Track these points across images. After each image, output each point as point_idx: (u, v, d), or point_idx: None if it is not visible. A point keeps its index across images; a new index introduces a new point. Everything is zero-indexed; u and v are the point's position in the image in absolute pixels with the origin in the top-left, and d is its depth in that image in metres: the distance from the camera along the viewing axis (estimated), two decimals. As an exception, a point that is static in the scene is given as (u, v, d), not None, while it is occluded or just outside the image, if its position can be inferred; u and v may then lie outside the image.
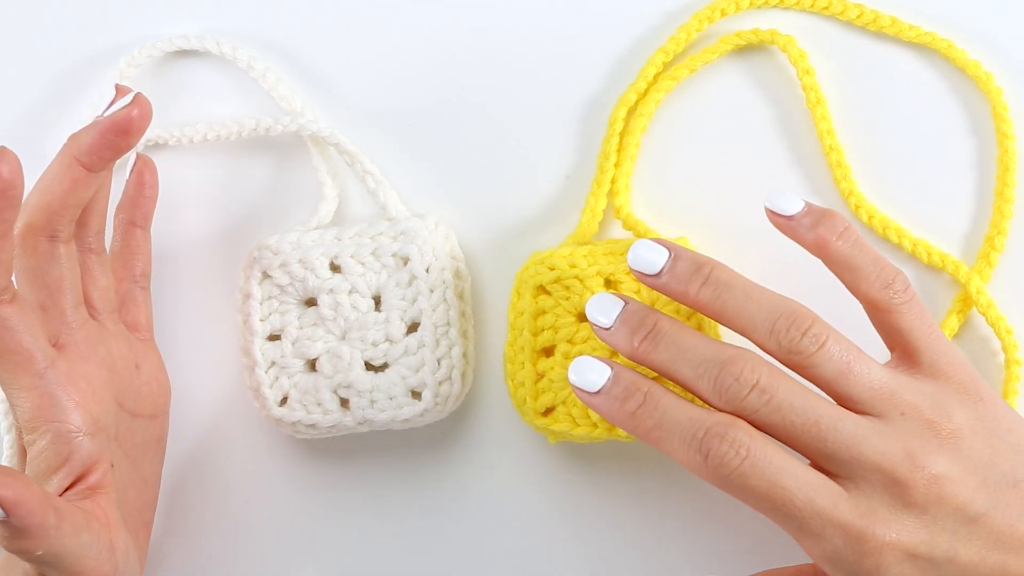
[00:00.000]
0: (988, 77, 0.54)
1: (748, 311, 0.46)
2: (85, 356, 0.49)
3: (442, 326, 0.53)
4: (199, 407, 0.57)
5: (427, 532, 0.56)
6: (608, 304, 0.48)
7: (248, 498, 0.57)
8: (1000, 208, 0.54)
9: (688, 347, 0.46)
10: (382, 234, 0.54)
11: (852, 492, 0.44)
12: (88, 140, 0.48)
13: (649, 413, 0.46)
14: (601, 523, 0.56)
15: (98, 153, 0.48)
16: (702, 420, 0.45)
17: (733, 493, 0.44)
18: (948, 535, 0.44)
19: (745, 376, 0.45)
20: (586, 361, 0.47)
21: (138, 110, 0.48)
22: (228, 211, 0.57)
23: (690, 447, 0.44)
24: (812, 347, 0.45)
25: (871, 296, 0.47)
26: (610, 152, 0.54)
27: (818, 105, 0.54)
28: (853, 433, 0.44)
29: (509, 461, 0.56)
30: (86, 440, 0.47)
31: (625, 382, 0.47)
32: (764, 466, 0.44)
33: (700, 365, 0.46)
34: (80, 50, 0.57)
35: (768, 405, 0.45)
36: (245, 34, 0.57)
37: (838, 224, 0.48)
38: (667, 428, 0.45)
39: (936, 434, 0.45)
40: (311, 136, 0.56)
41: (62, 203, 0.48)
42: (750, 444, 0.44)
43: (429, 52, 0.56)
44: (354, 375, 0.53)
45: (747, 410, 0.45)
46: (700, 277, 0.47)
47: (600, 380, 0.47)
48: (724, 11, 0.54)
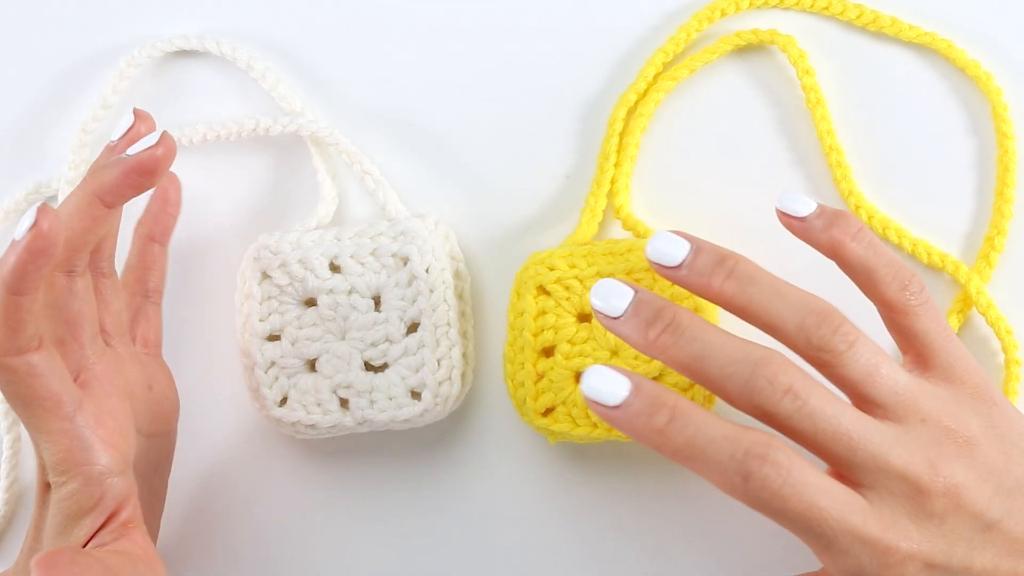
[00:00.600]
0: (988, 77, 0.54)
1: (775, 306, 0.45)
2: (108, 391, 0.49)
3: (442, 326, 0.53)
4: (199, 407, 0.57)
5: (427, 532, 0.56)
6: (616, 290, 0.45)
7: (248, 498, 0.57)
8: (1000, 208, 0.54)
9: (714, 344, 0.44)
10: (382, 234, 0.54)
11: (874, 503, 0.43)
12: (112, 179, 0.47)
13: (680, 430, 0.42)
14: (601, 523, 0.56)
15: (120, 192, 0.48)
16: (739, 439, 0.42)
17: (768, 515, 0.42)
18: (965, 544, 0.44)
19: (780, 380, 0.43)
20: (601, 372, 0.43)
21: (163, 150, 0.47)
22: (228, 211, 0.57)
23: (728, 468, 0.42)
24: (842, 346, 0.44)
25: (888, 298, 0.47)
26: (610, 152, 0.54)
27: (818, 105, 0.54)
28: (880, 443, 0.43)
29: (509, 461, 0.56)
30: (117, 480, 0.47)
31: (650, 395, 0.43)
32: (803, 488, 0.42)
33: (728, 365, 0.43)
34: (80, 50, 0.57)
35: (800, 411, 0.43)
36: (245, 34, 0.57)
37: (852, 225, 0.47)
38: (700, 447, 0.42)
39: (953, 441, 0.45)
40: (311, 136, 0.56)
41: (82, 240, 0.47)
42: (790, 466, 0.42)
43: (429, 52, 0.56)
44: (354, 375, 0.53)
45: (779, 415, 0.43)
46: (724, 270, 0.45)
47: (620, 393, 0.43)
48: (724, 11, 0.54)
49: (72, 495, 0.46)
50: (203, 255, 0.57)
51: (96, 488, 0.46)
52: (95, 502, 0.46)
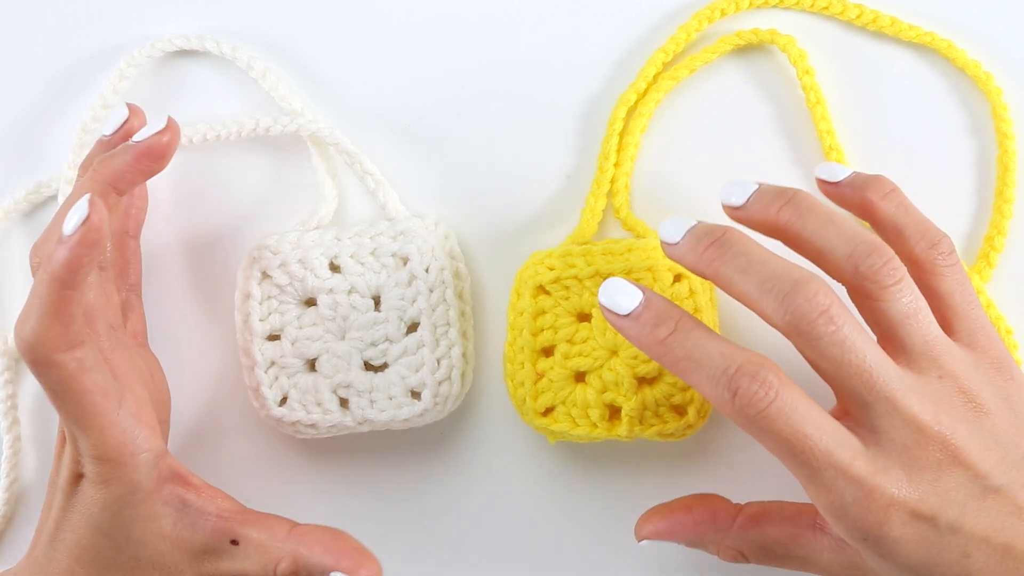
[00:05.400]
0: (988, 77, 0.54)
1: (828, 233, 0.45)
2: (133, 379, 0.50)
3: (442, 326, 0.53)
4: (199, 407, 0.57)
5: (427, 532, 0.56)
6: (678, 223, 0.47)
7: (248, 498, 0.57)
8: (1000, 208, 0.54)
9: (758, 260, 0.45)
10: (381, 234, 0.54)
11: (871, 447, 0.44)
12: (123, 166, 0.49)
13: (680, 342, 0.45)
14: (601, 523, 0.56)
15: (132, 178, 0.49)
16: (733, 356, 0.44)
17: (753, 434, 0.44)
18: (957, 506, 0.44)
19: (819, 300, 0.43)
20: (616, 283, 0.46)
21: (169, 135, 0.49)
22: (228, 211, 0.57)
23: (719, 382, 0.43)
24: (889, 280, 0.44)
25: (915, 255, 0.47)
26: (610, 152, 0.54)
27: (818, 105, 0.54)
28: (897, 387, 0.44)
29: (509, 461, 0.56)
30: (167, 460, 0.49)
31: (657, 308, 0.46)
32: (790, 412, 0.43)
33: (769, 280, 0.44)
34: (80, 50, 0.57)
35: (832, 336, 0.43)
36: (245, 34, 0.57)
37: (884, 185, 0.48)
38: (697, 360, 0.44)
39: (964, 404, 0.45)
40: (311, 136, 0.56)
41: None
42: (779, 387, 0.43)
43: (429, 52, 0.56)
44: (354, 375, 0.53)
45: (810, 335, 0.44)
46: (782, 199, 0.47)
47: (631, 304, 0.46)
48: (724, 11, 0.54)
49: (128, 485, 0.47)
50: (203, 255, 0.57)
51: (151, 472, 0.48)
52: (152, 486, 0.48)
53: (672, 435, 0.52)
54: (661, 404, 0.52)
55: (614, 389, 0.52)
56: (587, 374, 0.52)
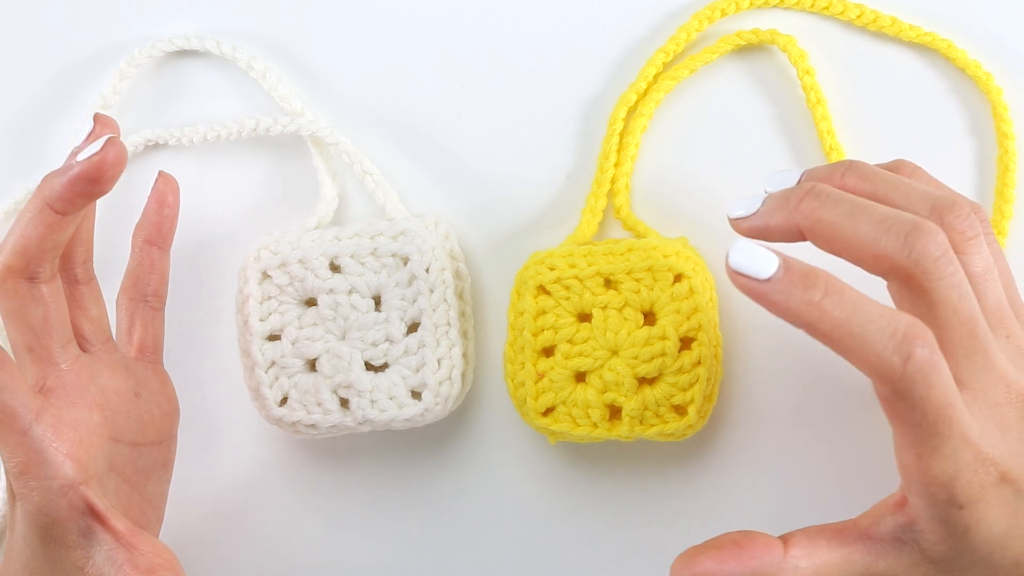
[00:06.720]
0: (988, 77, 0.54)
1: (900, 191, 0.44)
2: (74, 400, 0.48)
3: (442, 326, 0.53)
4: (198, 407, 0.57)
5: (427, 532, 0.56)
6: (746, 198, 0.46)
7: (248, 498, 0.57)
8: (1000, 208, 0.54)
9: (863, 204, 0.42)
10: (382, 234, 0.54)
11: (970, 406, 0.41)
12: (59, 187, 0.46)
13: (838, 303, 0.40)
14: (601, 523, 0.56)
15: (69, 200, 0.47)
16: (894, 317, 0.40)
17: (901, 403, 0.40)
18: None
19: (940, 240, 0.41)
20: (747, 246, 0.41)
21: (112, 155, 0.46)
22: (228, 211, 0.57)
23: (887, 347, 0.39)
24: (971, 232, 0.43)
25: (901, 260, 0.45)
26: (610, 152, 0.54)
27: (818, 105, 0.54)
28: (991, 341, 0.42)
29: (509, 461, 0.56)
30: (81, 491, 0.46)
31: (801, 269, 0.41)
32: (948, 379, 0.40)
33: (886, 220, 0.42)
34: (80, 50, 0.57)
35: (952, 278, 0.41)
36: (245, 34, 0.57)
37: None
38: (859, 323, 0.40)
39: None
40: (311, 136, 0.56)
41: (38, 247, 0.47)
42: (940, 353, 0.40)
43: (429, 52, 0.56)
44: (354, 375, 0.53)
45: (933, 274, 0.41)
46: (843, 167, 0.46)
47: (769, 268, 0.41)
48: (724, 11, 0.54)
49: (36, 507, 0.46)
50: (203, 255, 0.57)
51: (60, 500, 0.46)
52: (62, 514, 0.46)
53: (673, 435, 0.52)
54: (662, 404, 0.52)
55: (615, 389, 0.52)
56: (588, 374, 0.52)
